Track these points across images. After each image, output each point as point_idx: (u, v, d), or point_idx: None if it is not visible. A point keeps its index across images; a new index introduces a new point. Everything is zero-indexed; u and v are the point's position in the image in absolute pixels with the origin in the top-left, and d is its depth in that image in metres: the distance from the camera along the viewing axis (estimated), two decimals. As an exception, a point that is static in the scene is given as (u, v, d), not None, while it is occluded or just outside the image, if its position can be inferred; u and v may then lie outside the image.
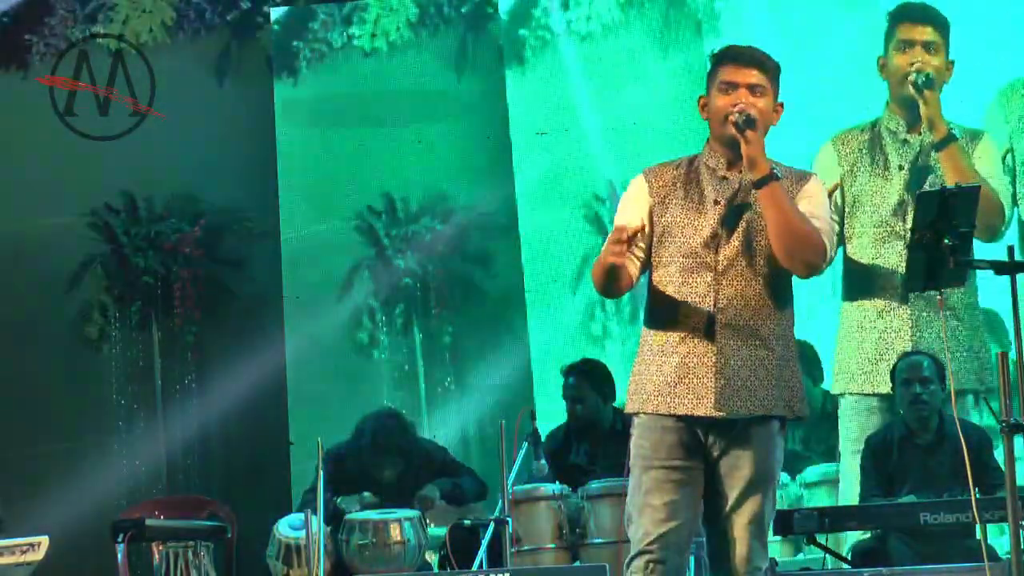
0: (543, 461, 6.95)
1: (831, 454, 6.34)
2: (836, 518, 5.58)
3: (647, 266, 4.69)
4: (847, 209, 5.83)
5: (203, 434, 10.07)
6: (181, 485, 9.92)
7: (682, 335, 4.57)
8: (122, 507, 8.97)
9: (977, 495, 4.96)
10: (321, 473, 6.85)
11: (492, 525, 6.58)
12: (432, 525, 7.53)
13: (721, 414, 4.52)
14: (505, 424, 6.61)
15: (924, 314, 5.77)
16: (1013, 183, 6.27)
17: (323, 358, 9.90)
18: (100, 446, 9.98)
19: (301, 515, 7.15)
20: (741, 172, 4.61)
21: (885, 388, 5.77)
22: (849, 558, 5.87)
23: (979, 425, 5.82)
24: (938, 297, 5.47)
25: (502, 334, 9.77)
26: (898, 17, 5.86)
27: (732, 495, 4.53)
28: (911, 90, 5.66)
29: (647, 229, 4.65)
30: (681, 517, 4.54)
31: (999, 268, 4.54)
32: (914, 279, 4.38)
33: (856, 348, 5.86)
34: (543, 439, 7.13)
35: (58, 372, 9.97)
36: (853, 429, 5.96)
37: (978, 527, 5.27)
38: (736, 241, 4.58)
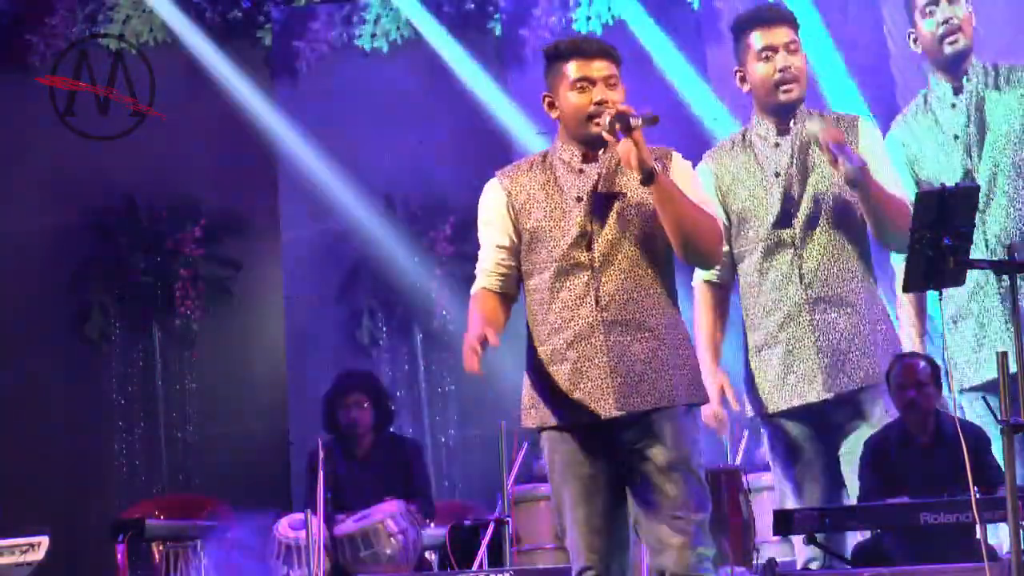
0: (543, 461, 6.94)
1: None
2: (836, 518, 5.57)
3: (522, 277, 4.56)
4: (734, 229, 5.60)
5: (203, 434, 10.07)
6: (181, 485, 9.93)
7: (569, 340, 4.44)
8: (122, 507, 8.96)
9: (977, 495, 4.97)
10: (321, 473, 6.85)
11: (492, 525, 6.58)
12: (432, 524, 7.52)
13: (623, 413, 4.38)
14: (505, 424, 6.61)
15: (825, 316, 5.53)
16: None
17: (323, 358, 9.90)
18: (100, 446, 9.98)
19: (301, 515, 7.15)
20: (597, 162, 4.49)
21: (798, 401, 5.59)
22: (849, 557, 5.87)
23: (977, 424, 5.81)
24: (938, 297, 5.47)
25: (503, 334, 9.75)
26: (751, 23, 5.60)
27: (652, 487, 4.37)
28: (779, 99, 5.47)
29: (514, 241, 4.54)
30: (610, 521, 4.44)
31: (999, 268, 4.51)
32: (913, 279, 4.35)
33: (765, 365, 5.62)
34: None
35: (58, 372, 9.97)
36: (774, 443, 5.80)
37: (978, 527, 5.27)
38: (608, 235, 4.44)
